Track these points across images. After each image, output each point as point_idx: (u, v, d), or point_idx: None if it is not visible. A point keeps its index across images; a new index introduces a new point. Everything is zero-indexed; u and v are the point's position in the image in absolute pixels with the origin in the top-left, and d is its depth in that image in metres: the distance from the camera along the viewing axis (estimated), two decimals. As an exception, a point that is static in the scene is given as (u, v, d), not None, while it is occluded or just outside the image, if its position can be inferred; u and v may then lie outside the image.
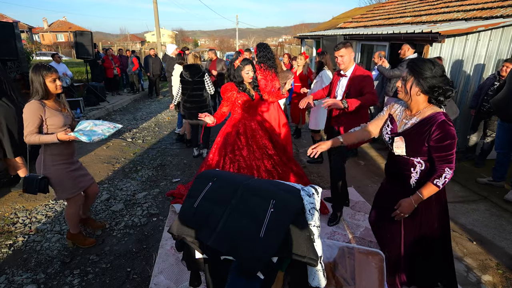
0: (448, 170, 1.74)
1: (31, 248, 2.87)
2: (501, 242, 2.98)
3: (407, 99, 1.84)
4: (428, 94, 1.77)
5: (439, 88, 1.72)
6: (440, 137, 1.72)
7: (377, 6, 11.15)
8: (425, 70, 1.72)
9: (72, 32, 8.83)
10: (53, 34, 44.02)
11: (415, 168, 1.88)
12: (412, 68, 1.78)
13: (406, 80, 1.81)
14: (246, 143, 3.18)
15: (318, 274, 1.40)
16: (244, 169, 3.11)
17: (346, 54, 2.92)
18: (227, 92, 3.14)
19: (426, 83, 1.73)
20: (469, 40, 4.77)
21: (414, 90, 1.78)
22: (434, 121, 1.74)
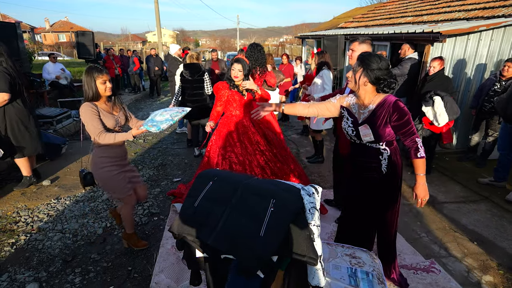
0: (417, 139, 1.94)
1: (33, 246, 2.88)
2: (502, 242, 2.97)
3: (356, 89, 2.03)
4: (375, 85, 1.96)
5: (384, 80, 1.93)
6: (398, 115, 1.91)
7: (378, 6, 11.14)
8: (372, 63, 1.91)
9: (74, 32, 8.85)
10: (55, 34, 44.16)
11: (382, 155, 2.04)
12: (361, 60, 1.97)
13: (356, 70, 2.00)
14: (238, 139, 3.22)
15: (318, 273, 1.41)
16: (237, 164, 3.14)
17: (358, 50, 2.74)
18: (219, 91, 3.22)
19: (373, 74, 1.92)
20: (471, 40, 4.76)
21: (362, 80, 1.96)
22: (388, 103, 1.94)
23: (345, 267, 2.43)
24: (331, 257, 2.57)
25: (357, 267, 2.44)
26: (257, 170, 3.17)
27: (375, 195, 2.17)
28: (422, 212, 3.49)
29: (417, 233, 3.12)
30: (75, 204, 3.64)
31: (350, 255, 2.62)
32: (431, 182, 4.19)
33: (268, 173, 3.20)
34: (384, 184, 2.12)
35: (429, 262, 2.66)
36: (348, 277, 2.32)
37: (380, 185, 2.12)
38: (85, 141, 5.98)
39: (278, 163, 3.29)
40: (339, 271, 2.38)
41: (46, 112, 5.97)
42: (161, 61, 10.85)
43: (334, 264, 2.46)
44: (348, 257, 2.59)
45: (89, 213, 3.45)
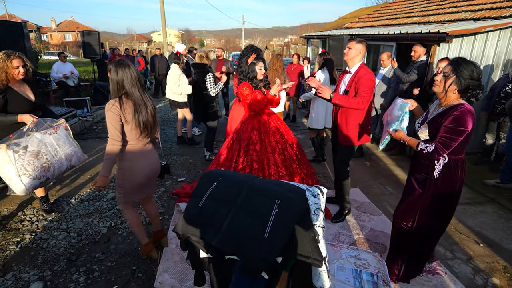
0: (433, 146, 1.92)
1: (38, 245, 2.91)
2: (508, 245, 2.94)
3: (442, 95, 1.99)
4: (462, 94, 1.92)
5: (473, 90, 1.88)
6: (451, 119, 1.87)
7: (384, 6, 11.07)
8: (467, 70, 1.86)
9: (80, 32, 8.92)
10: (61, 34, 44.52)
11: (438, 160, 2.02)
12: (456, 67, 1.89)
13: (448, 77, 1.93)
14: (260, 138, 3.29)
15: (322, 275, 1.40)
16: (256, 162, 3.23)
17: (353, 48, 2.89)
18: (244, 92, 3.24)
19: (465, 82, 1.87)
20: (477, 40, 4.71)
21: (452, 87, 1.92)
22: (456, 108, 1.88)
23: (350, 268, 2.42)
24: (336, 259, 2.56)
25: (362, 269, 2.43)
26: (273, 168, 3.24)
27: (422, 200, 2.14)
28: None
29: (423, 235, 3.09)
30: (80, 203, 3.66)
31: (355, 256, 2.61)
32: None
33: (284, 172, 3.27)
34: (433, 192, 2.09)
35: (435, 264, 2.63)
36: (353, 279, 2.31)
37: (430, 189, 2.09)
38: (92, 140, 6.01)
39: (294, 163, 3.37)
40: (344, 272, 2.37)
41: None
42: (166, 61, 10.88)
43: (339, 265, 2.45)
44: (353, 258, 2.57)
45: (94, 212, 3.47)
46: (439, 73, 2.00)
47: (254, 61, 3.25)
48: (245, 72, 3.28)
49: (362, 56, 2.94)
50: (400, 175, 4.49)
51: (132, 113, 2.20)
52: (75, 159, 3.06)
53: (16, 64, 2.78)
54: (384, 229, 3.12)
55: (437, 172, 2.04)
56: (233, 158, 3.28)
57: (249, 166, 3.23)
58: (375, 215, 3.39)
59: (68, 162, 2.99)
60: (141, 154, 2.35)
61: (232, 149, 3.38)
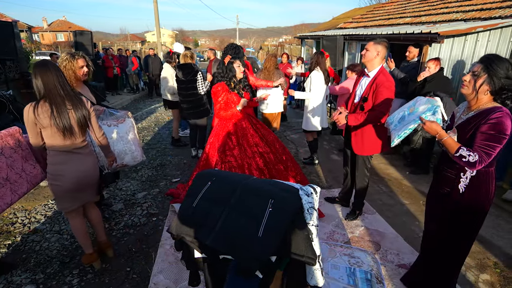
0: (476, 155, 1.62)
1: (30, 248, 2.87)
2: (499, 241, 2.98)
3: (472, 96, 1.74)
4: (496, 95, 1.69)
5: (508, 90, 1.64)
6: (490, 125, 1.62)
7: (377, 7, 11.16)
8: (501, 69, 1.63)
9: (72, 32, 8.83)
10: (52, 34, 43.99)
11: (465, 172, 1.80)
12: (487, 65, 1.66)
13: (478, 76, 1.69)
14: (237, 143, 3.21)
15: (316, 273, 1.41)
16: (236, 168, 3.13)
17: (371, 50, 2.70)
18: (218, 94, 3.15)
19: (499, 83, 1.64)
20: (468, 40, 4.79)
21: (483, 88, 1.68)
22: (491, 112, 1.64)
23: (344, 266, 2.44)
24: (330, 257, 2.58)
25: (356, 267, 2.45)
26: (256, 173, 3.16)
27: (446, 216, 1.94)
28: (420, 212, 3.50)
29: (415, 232, 3.12)
30: (73, 205, 3.62)
31: (349, 255, 2.63)
32: (428, 182, 4.18)
33: (266, 176, 3.20)
34: (457, 206, 1.87)
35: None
36: (347, 277, 2.33)
37: (453, 205, 1.89)
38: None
39: (277, 165, 3.29)
40: (338, 270, 2.39)
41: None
42: (160, 61, 10.83)
43: (333, 263, 2.47)
44: (347, 256, 2.60)
45: (87, 213, 3.44)
46: (468, 73, 1.77)
47: (231, 60, 3.18)
48: (223, 72, 3.18)
49: (382, 58, 2.73)
50: (394, 174, 4.53)
51: (49, 117, 2.07)
52: (128, 158, 2.91)
53: (81, 64, 2.75)
54: (378, 228, 3.15)
55: (463, 185, 1.82)
56: (212, 165, 3.20)
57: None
58: (369, 213, 3.42)
59: (120, 160, 2.84)
60: (69, 159, 2.23)
61: (211, 156, 3.28)
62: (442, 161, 1.96)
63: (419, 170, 4.48)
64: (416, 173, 4.48)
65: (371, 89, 2.73)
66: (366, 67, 2.82)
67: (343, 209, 3.48)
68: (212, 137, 3.33)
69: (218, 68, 3.27)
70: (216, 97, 3.18)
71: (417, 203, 3.73)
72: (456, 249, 1.98)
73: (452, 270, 2.07)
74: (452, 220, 1.91)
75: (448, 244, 1.98)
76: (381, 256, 2.70)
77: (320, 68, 4.30)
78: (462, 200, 1.83)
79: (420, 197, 3.86)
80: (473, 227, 1.90)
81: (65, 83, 2.16)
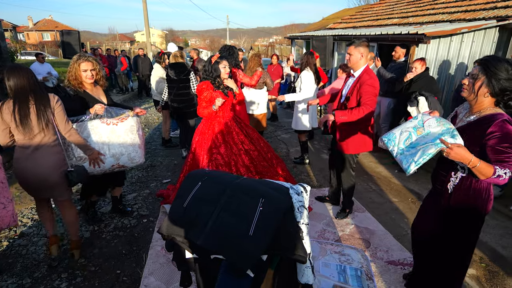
0: (506, 170, 1.53)
1: (16, 252, 2.81)
2: (484, 236, 3.06)
3: (472, 99, 1.70)
4: (497, 97, 1.62)
5: (511, 92, 1.57)
6: (498, 138, 1.55)
7: (366, 8, 11.30)
8: (501, 71, 1.57)
9: (59, 31, 8.66)
10: (38, 33, 43.10)
11: (456, 172, 1.77)
12: (485, 66, 1.61)
13: (476, 78, 1.65)
14: (223, 140, 3.23)
15: (307, 271, 1.43)
16: (223, 166, 3.15)
17: (354, 53, 2.78)
18: (203, 91, 3.15)
19: (499, 85, 1.58)
20: (454, 41, 4.89)
21: (482, 90, 1.63)
22: (493, 120, 1.58)
23: (335, 264, 2.46)
24: (320, 255, 2.61)
25: (346, 264, 2.48)
26: (243, 170, 3.19)
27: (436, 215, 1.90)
28: (408, 209, 3.56)
29: (404, 229, 3.18)
30: (61, 207, 3.56)
31: (339, 252, 2.66)
32: (417, 180, 4.28)
33: (253, 172, 3.24)
34: (447, 206, 1.83)
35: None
36: (337, 274, 2.36)
37: (442, 205, 1.85)
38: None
39: (263, 161, 3.34)
40: (329, 268, 2.41)
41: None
42: (149, 62, 10.73)
43: (324, 261, 2.50)
44: (337, 254, 2.63)
45: (76, 216, 3.39)
46: (467, 76, 1.73)
47: (218, 59, 3.19)
48: (208, 71, 3.20)
49: (366, 58, 2.82)
50: (383, 172, 4.60)
51: (11, 113, 2.16)
52: (125, 159, 2.77)
53: (84, 68, 2.68)
54: (368, 225, 3.19)
55: (452, 185, 1.79)
56: (199, 164, 3.20)
57: (216, 170, 3.15)
58: (359, 211, 3.46)
59: (116, 160, 2.72)
60: (28, 156, 2.26)
61: (197, 154, 3.28)
62: (438, 160, 1.92)
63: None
64: (404, 171, 4.55)
65: (355, 88, 2.82)
66: (352, 68, 2.91)
67: (334, 208, 3.52)
68: (197, 136, 3.33)
69: (204, 67, 3.27)
70: (199, 94, 3.20)
71: (406, 200, 3.79)
72: (450, 252, 1.90)
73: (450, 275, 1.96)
74: (443, 220, 1.88)
75: (442, 245, 1.92)
76: (371, 253, 2.74)
77: (310, 68, 4.34)
78: (451, 200, 1.80)
79: (409, 195, 3.93)
80: (466, 230, 1.83)
81: (35, 84, 2.24)
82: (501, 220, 3.34)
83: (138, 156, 2.86)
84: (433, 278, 2.01)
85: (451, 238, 1.87)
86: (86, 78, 2.71)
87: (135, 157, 2.83)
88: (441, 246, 1.92)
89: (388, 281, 2.42)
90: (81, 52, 8.46)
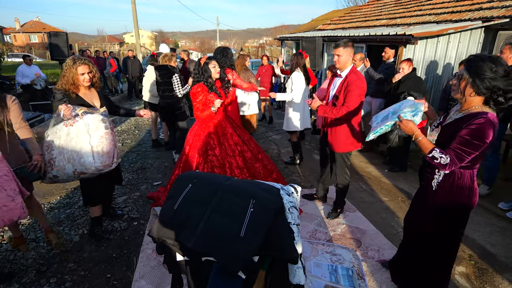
0: (447, 158, 1.64)
1: (4, 257, 2.75)
2: (473, 234, 3.12)
3: (460, 98, 1.74)
4: (485, 96, 1.63)
5: (499, 89, 1.57)
6: (469, 130, 1.60)
7: (355, 9, 11.43)
8: (485, 71, 1.57)
9: (46, 33, 8.51)
10: (26, 35, 42.32)
11: (439, 170, 1.82)
12: (469, 67, 1.63)
13: (461, 79, 1.68)
14: (218, 142, 3.25)
15: (298, 272, 1.43)
16: (218, 167, 3.17)
17: (343, 54, 2.83)
18: (198, 95, 3.16)
19: (484, 84, 1.58)
20: (440, 42, 4.98)
21: (468, 90, 1.66)
22: (475, 117, 1.62)
23: (326, 264, 2.48)
24: (312, 255, 2.62)
25: (338, 264, 2.50)
26: (237, 171, 3.21)
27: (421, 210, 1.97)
28: (399, 208, 3.61)
29: (395, 228, 3.22)
30: (49, 212, 3.50)
31: (330, 252, 2.68)
32: (406, 179, 4.34)
33: (246, 174, 3.25)
34: (431, 203, 1.89)
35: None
36: (329, 274, 2.37)
37: (427, 201, 1.92)
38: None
39: (256, 162, 3.37)
40: (320, 268, 2.42)
41: (17, 116, 5.71)
42: (139, 63, 10.64)
43: (315, 262, 2.50)
44: (328, 254, 2.64)
45: (65, 220, 3.33)
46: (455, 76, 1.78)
47: (207, 60, 3.23)
48: (199, 73, 3.23)
49: (351, 59, 2.91)
50: (373, 172, 4.65)
51: None
52: (77, 164, 2.42)
53: (81, 72, 2.62)
54: (359, 225, 3.22)
55: (436, 183, 1.84)
56: (193, 165, 3.20)
57: (211, 171, 3.17)
58: (350, 211, 3.49)
59: (72, 166, 2.43)
60: None
61: (191, 156, 3.27)
62: (424, 159, 1.97)
63: (397, 168, 4.62)
64: (394, 170, 4.61)
65: (342, 87, 2.89)
66: (340, 69, 2.97)
67: (325, 208, 3.54)
68: (191, 137, 3.32)
69: (194, 69, 3.29)
70: (194, 97, 3.19)
71: (396, 199, 3.84)
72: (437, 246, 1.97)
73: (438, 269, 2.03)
74: (429, 216, 1.93)
75: (429, 239, 1.98)
76: (362, 253, 2.76)
77: (300, 69, 4.37)
78: (435, 197, 1.86)
79: (399, 194, 3.97)
80: (451, 226, 1.89)
81: None
82: (489, 217, 3.41)
83: (89, 162, 2.43)
84: (421, 272, 2.08)
85: (437, 233, 1.93)
86: (84, 81, 2.66)
87: (85, 162, 2.42)
88: (428, 241, 1.98)
89: (380, 280, 2.44)
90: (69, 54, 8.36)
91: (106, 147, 2.52)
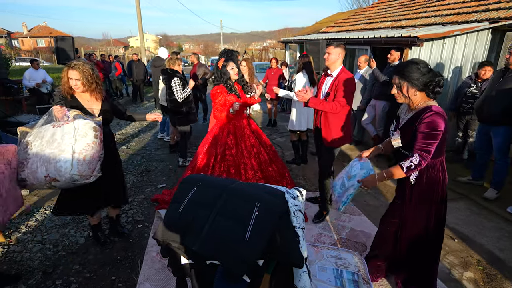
0: (416, 156, 1.85)
1: (11, 259, 2.77)
2: (481, 239, 3.07)
3: (407, 101, 1.98)
4: (424, 90, 1.89)
5: (431, 81, 1.86)
6: (423, 125, 1.84)
7: (359, 11, 11.41)
8: (413, 71, 1.86)
9: (53, 37, 8.62)
10: (33, 39, 42.95)
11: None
12: (401, 74, 1.91)
13: (400, 86, 1.94)
14: (236, 143, 3.31)
15: (303, 276, 1.42)
16: (232, 167, 3.23)
17: (333, 53, 2.95)
18: (217, 96, 3.26)
19: (419, 82, 1.86)
20: (446, 44, 4.94)
21: (411, 91, 1.91)
22: (425, 112, 1.86)
23: (331, 268, 2.45)
24: (317, 259, 2.60)
25: (343, 268, 2.47)
26: (250, 173, 3.25)
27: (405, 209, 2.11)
28: (405, 211, 3.57)
29: (401, 232, 3.18)
30: (55, 214, 3.52)
31: (335, 256, 2.65)
32: (413, 182, 4.29)
33: (260, 176, 3.29)
34: (413, 199, 2.06)
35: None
36: (334, 279, 2.35)
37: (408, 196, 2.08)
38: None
39: (270, 165, 3.42)
40: (325, 272, 2.40)
41: (24, 119, 5.78)
42: (144, 66, 10.72)
43: (320, 266, 2.48)
44: (333, 258, 2.62)
45: (70, 222, 3.35)
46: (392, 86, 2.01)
47: (224, 63, 3.30)
48: (218, 77, 3.32)
49: (342, 59, 3.01)
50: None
51: None
52: (51, 169, 2.17)
53: (70, 76, 2.47)
54: (364, 229, 3.19)
55: (413, 178, 2.02)
56: (210, 164, 3.27)
57: (226, 171, 3.23)
58: (354, 215, 3.46)
59: (44, 168, 2.19)
60: None
61: (209, 154, 3.35)
62: (397, 157, 2.15)
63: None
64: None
65: (333, 86, 2.98)
66: (329, 68, 3.07)
67: (330, 211, 3.51)
68: (210, 136, 3.41)
69: (214, 73, 3.37)
70: (214, 98, 3.29)
71: (402, 203, 3.80)
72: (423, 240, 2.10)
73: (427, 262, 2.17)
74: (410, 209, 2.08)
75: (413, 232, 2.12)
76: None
77: (306, 71, 4.42)
78: (414, 190, 2.03)
79: (405, 197, 3.93)
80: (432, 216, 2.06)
81: None
82: (497, 222, 3.36)
83: (65, 168, 2.17)
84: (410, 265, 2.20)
85: (420, 223, 2.09)
86: (74, 86, 2.51)
87: (61, 167, 2.16)
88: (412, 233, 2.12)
89: (385, 285, 2.41)
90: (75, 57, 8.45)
91: (90, 157, 2.25)
